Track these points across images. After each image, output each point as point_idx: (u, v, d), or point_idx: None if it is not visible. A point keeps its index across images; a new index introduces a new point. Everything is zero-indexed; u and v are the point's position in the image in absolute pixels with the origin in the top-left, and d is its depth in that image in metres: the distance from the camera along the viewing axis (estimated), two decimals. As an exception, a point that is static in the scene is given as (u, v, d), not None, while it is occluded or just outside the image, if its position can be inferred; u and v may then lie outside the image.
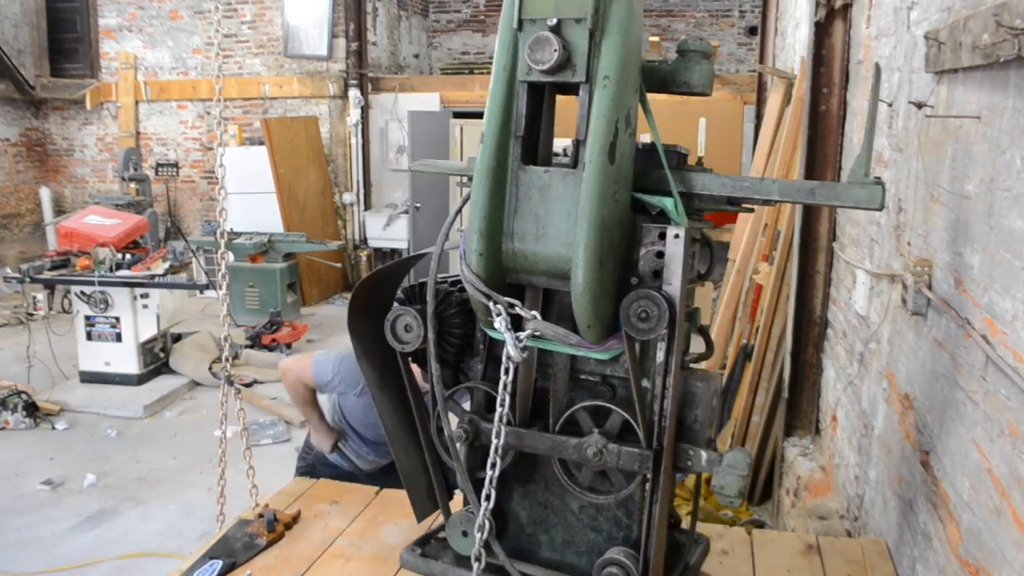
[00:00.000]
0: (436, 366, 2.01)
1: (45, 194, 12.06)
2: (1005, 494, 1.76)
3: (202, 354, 7.49)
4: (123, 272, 6.87)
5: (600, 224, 1.76)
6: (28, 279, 6.89)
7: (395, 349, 2.10)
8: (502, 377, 1.88)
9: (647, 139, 1.96)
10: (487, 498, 1.88)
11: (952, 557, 2.06)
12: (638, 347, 1.88)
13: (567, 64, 1.78)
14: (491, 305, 1.88)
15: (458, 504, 2.29)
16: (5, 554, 4.49)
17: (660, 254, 1.83)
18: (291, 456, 5.88)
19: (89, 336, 7.03)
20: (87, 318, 6.97)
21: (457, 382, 2.15)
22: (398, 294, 2.13)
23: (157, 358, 7.33)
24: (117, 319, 6.96)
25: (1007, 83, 1.85)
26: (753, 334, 5.38)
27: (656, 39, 11.29)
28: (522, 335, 1.87)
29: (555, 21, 1.77)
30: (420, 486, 2.37)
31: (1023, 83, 1.77)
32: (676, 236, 1.80)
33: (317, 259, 10.55)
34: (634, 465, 1.88)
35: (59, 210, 12.06)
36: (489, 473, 1.89)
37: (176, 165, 11.47)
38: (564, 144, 1.96)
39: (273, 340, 8.22)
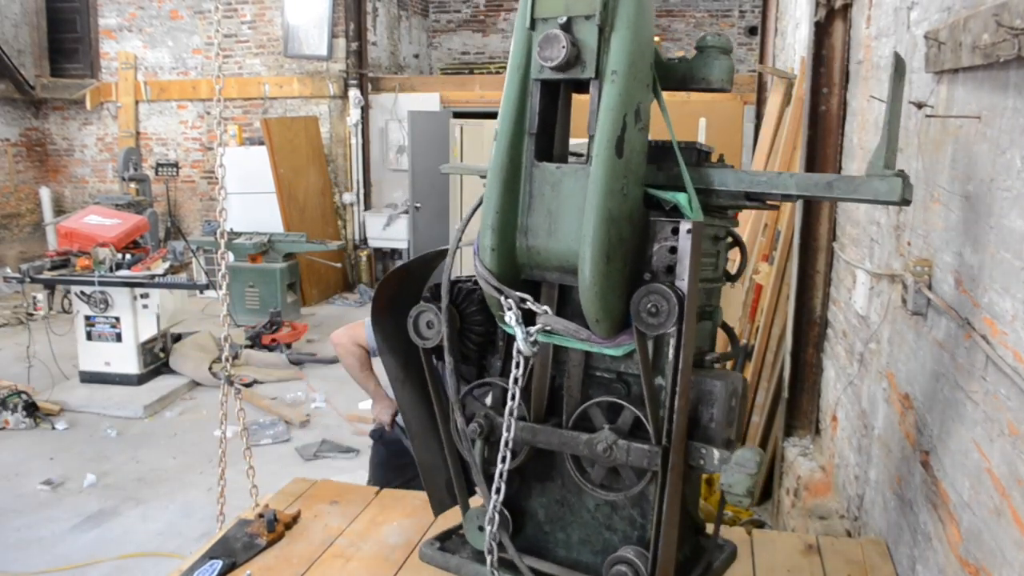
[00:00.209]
0: (451, 360, 2.03)
1: (45, 194, 12.06)
2: (1005, 494, 1.76)
3: (202, 354, 7.49)
4: (123, 272, 6.87)
5: (607, 217, 1.76)
6: (28, 279, 6.89)
7: (417, 345, 2.12)
8: (512, 371, 1.89)
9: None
10: (497, 491, 1.89)
11: (952, 557, 2.06)
12: (651, 343, 1.88)
13: (576, 60, 1.79)
14: (502, 300, 1.89)
15: (479, 500, 2.30)
16: (5, 554, 4.49)
17: (673, 249, 1.82)
18: (291, 456, 5.89)
19: (89, 336, 7.03)
20: (87, 318, 6.97)
21: (480, 378, 2.17)
22: (424, 292, 2.15)
23: (157, 358, 7.33)
24: (117, 319, 6.96)
25: (1007, 83, 1.85)
26: (753, 334, 5.38)
27: (656, 39, 11.27)
28: (532, 329, 1.88)
29: (565, 19, 1.77)
30: (439, 481, 2.38)
31: (1023, 83, 1.77)
32: (688, 230, 1.79)
33: (317, 259, 10.55)
34: (643, 461, 1.87)
35: (59, 210, 12.06)
36: (499, 467, 1.90)
37: (176, 165, 11.48)
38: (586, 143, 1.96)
39: (273, 340, 8.22)
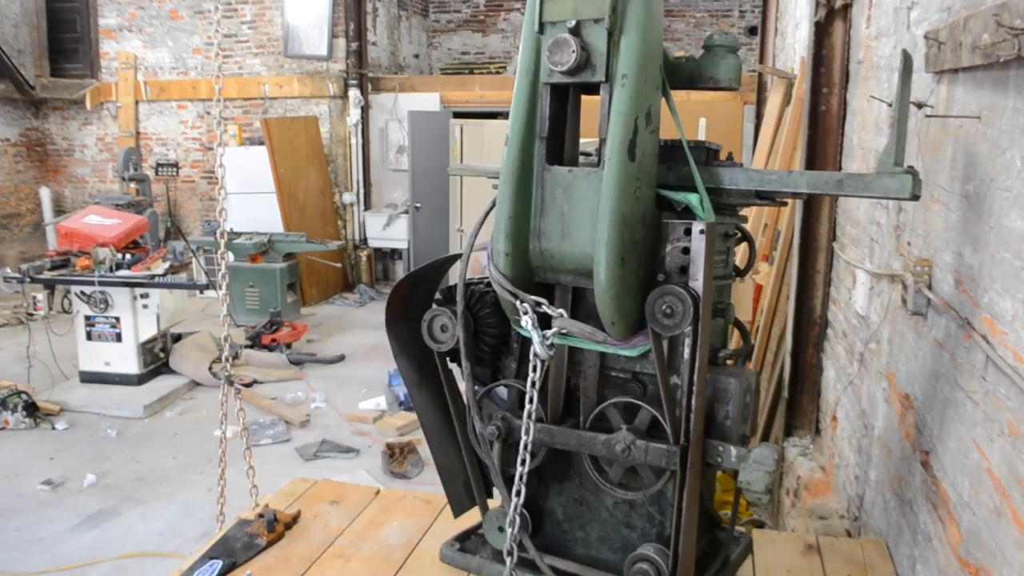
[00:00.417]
0: (467, 364, 2.04)
1: (45, 194, 12.06)
2: (1005, 494, 1.76)
3: (202, 354, 7.49)
4: (123, 272, 6.87)
5: (621, 221, 1.76)
6: (28, 279, 6.89)
7: (432, 349, 2.13)
8: (530, 374, 1.89)
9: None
10: (517, 493, 1.89)
11: (952, 557, 2.06)
12: (666, 344, 1.88)
13: (586, 64, 1.80)
14: (517, 304, 1.89)
15: (498, 501, 2.31)
16: (5, 554, 4.49)
17: (686, 250, 1.83)
18: (291, 456, 5.89)
19: (89, 336, 7.03)
20: (87, 318, 6.97)
21: (495, 380, 2.18)
22: (436, 295, 2.16)
23: (157, 358, 7.33)
24: (117, 319, 6.96)
25: (1007, 83, 1.85)
26: (753, 334, 5.38)
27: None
28: (549, 333, 1.88)
29: (574, 23, 1.78)
30: (457, 482, 2.39)
31: (1023, 83, 1.77)
32: (701, 231, 1.80)
33: (317, 259, 10.55)
34: (662, 461, 1.88)
35: (59, 210, 12.06)
36: (519, 469, 1.90)
37: (176, 165, 11.48)
38: (597, 144, 1.96)
39: (273, 340, 8.23)
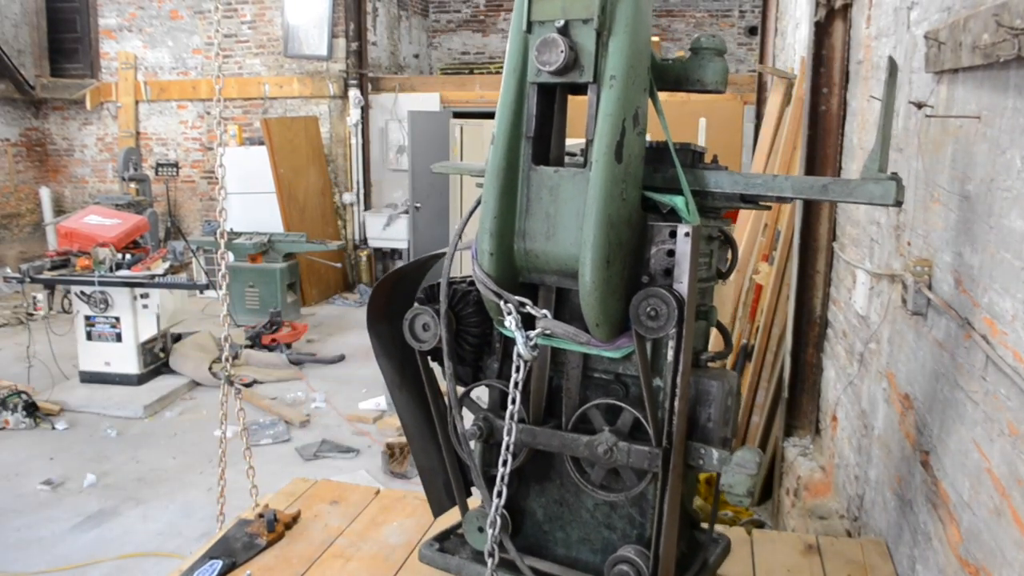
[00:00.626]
0: (450, 364, 2.03)
1: (45, 194, 12.06)
2: (1005, 494, 1.76)
3: (202, 354, 7.49)
4: (123, 272, 6.87)
5: (607, 223, 1.76)
6: (28, 279, 6.89)
7: (413, 348, 2.12)
8: (512, 375, 1.89)
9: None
10: (499, 494, 1.89)
11: (952, 557, 2.06)
12: (649, 346, 1.88)
13: (575, 65, 1.79)
14: (501, 304, 1.89)
15: (478, 501, 2.31)
16: (5, 554, 4.49)
17: (671, 252, 1.83)
18: (291, 456, 5.89)
19: (89, 336, 7.03)
20: (87, 318, 6.97)
21: (476, 380, 2.17)
22: (418, 294, 2.15)
23: (157, 358, 7.33)
24: (117, 319, 6.96)
25: (1007, 83, 1.85)
26: (753, 334, 5.37)
27: (656, 39, 11.29)
28: (532, 333, 1.88)
29: (563, 23, 1.77)
30: (437, 482, 2.39)
31: (1023, 83, 1.77)
32: (686, 234, 1.80)
33: (317, 259, 10.55)
34: (644, 463, 1.88)
35: (59, 210, 12.06)
36: (501, 470, 1.89)
37: (176, 165, 11.48)
38: (583, 144, 1.96)
39: (273, 340, 8.23)
